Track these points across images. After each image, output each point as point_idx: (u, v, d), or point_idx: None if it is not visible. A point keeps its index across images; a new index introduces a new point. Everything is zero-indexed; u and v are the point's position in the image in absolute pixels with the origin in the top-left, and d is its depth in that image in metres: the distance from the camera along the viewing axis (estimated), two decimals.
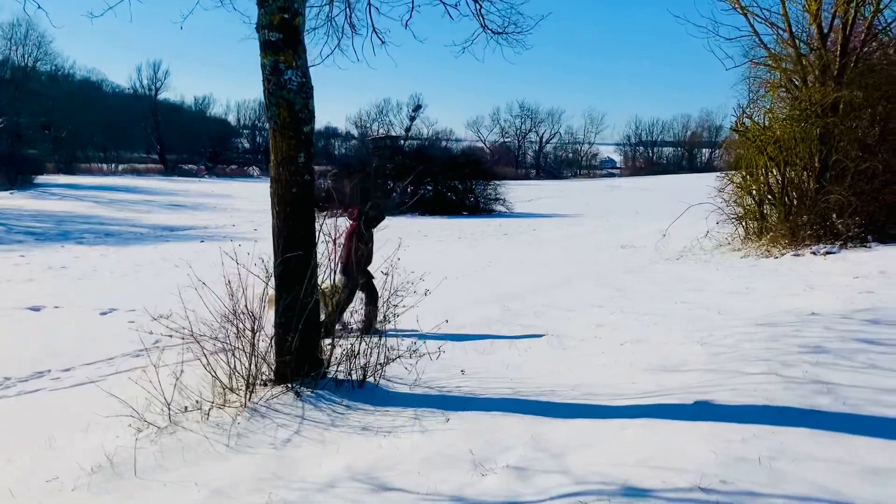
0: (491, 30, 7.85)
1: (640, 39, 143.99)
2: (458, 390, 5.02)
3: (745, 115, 13.32)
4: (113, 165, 62.30)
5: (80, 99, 62.09)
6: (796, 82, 13.45)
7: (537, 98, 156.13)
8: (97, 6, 6.45)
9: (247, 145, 79.60)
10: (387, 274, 5.46)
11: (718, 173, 14.86)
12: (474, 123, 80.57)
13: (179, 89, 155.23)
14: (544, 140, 79.36)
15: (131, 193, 37.34)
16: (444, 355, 6.32)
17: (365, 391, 5.12)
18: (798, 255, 11.25)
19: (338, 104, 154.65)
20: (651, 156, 77.33)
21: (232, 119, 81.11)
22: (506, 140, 79.54)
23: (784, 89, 13.40)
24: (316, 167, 5.58)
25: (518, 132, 79.22)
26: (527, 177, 69.60)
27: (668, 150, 75.22)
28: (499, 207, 33.94)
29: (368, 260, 7.32)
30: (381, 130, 79.18)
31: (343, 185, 7.68)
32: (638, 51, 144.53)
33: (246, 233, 22.25)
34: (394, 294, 5.50)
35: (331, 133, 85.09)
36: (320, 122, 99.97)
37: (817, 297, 7.27)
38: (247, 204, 35.13)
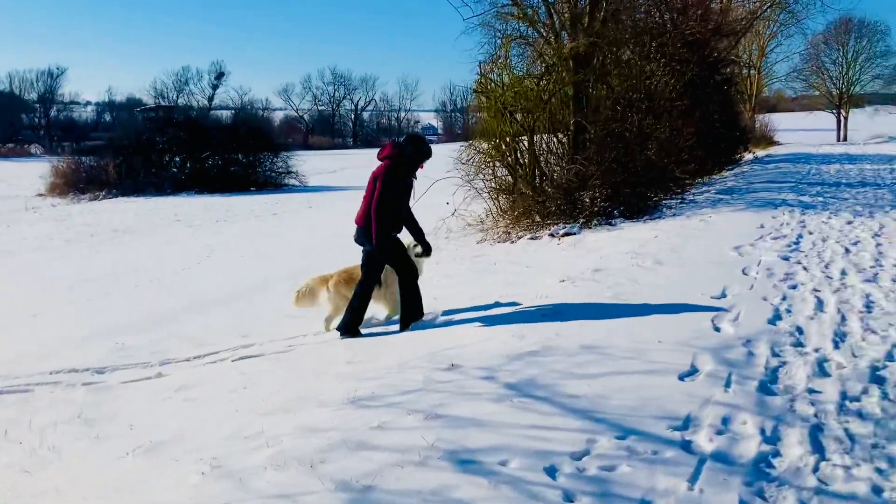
0: None
1: None
2: None
3: (485, 74, 11.31)
4: None
5: None
6: (543, 33, 11.68)
7: (349, 65, 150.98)
8: None
9: (35, 121, 68.59)
10: None
11: (462, 143, 12.82)
12: (284, 91, 74.86)
13: None
14: (359, 108, 76.00)
15: None
16: None
17: None
18: (536, 237, 9.45)
19: (139, 74, 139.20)
20: (467, 121, 77.04)
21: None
22: (320, 108, 75.15)
23: (525, 42, 11.56)
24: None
25: (332, 100, 75.02)
26: (344, 146, 66.15)
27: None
28: (292, 181, 30.73)
29: (399, 221, 5.48)
30: (180, 101, 71.50)
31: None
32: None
33: None
34: None
35: (134, 104, 75.69)
36: (122, 93, 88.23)
37: (500, 317, 5.17)
38: (2, 189, 29.07)
